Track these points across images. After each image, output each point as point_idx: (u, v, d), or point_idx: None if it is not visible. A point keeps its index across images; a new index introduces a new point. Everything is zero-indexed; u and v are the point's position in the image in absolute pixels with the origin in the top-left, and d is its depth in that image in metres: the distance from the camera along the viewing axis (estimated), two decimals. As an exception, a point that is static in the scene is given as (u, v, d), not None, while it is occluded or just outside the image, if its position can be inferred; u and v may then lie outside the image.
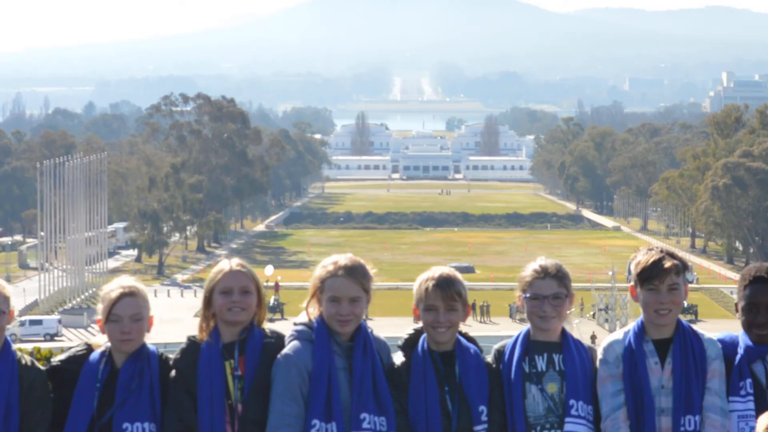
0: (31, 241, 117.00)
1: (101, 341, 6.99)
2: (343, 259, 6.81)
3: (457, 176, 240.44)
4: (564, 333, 6.92)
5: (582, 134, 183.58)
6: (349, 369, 6.68)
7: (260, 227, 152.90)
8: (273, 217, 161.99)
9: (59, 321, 74.59)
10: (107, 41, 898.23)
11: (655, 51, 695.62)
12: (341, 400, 6.63)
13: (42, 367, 7.03)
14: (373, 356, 6.74)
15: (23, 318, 70.06)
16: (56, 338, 66.26)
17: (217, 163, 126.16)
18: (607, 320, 71.77)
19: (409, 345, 6.86)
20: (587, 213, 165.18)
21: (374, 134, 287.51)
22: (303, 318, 6.84)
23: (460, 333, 6.90)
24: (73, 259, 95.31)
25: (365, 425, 6.60)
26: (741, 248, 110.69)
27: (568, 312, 6.92)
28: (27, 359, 7.00)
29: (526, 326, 6.97)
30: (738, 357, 6.87)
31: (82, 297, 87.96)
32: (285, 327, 6.95)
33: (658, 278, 6.82)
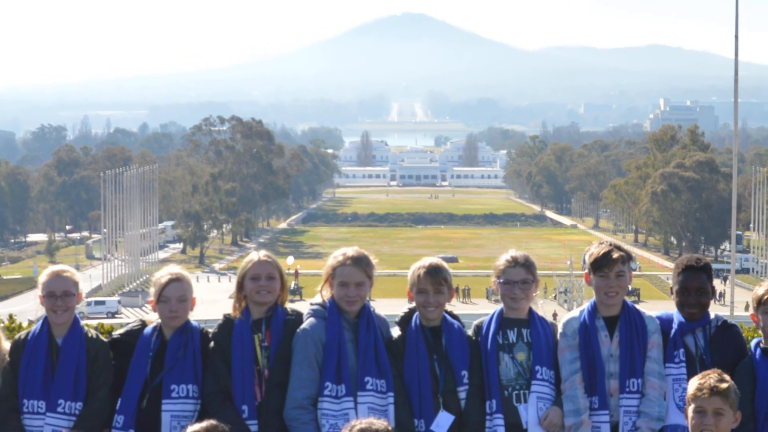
0: (95, 236, 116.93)
1: (153, 318, 7.05)
2: (351, 251, 6.88)
3: (444, 183, 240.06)
4: (531, 311, 6.96)
5: (545, 149, 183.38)
6: (356, 341, 6.75)
7: (282, 225, 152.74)
8: (293, 217, 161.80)
9: (119, 302, 74.64)
10: (158, 73, 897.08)
11: (605, 81, 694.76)
12: (349, 366, 6.68)
13: (105, 339, 7.07)
14: (375, 331, 6.80)
15: (89, 299, 69.96)
16: (116, 316, 66.24)
17: (248, 172, 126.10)
18: (566, 301, 71.73)
19: (404, 321, 6.93)
20: (550, 213, 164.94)
21: (376, 149, 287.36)
22: (317, 299, 6.92)
23: (446, 311, 6.95)
24: (129, 251, 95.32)
25: (368, 387, 6.66)
26: (675, 242, 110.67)
27: (534, 294, 6.96)
28: (92, 333, 7.04)
29: (499, 306, 7.03)
30: (673, 331, 6.91)
31: (138, 282, 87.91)
32: (303, 306, 7.00)
33: (607, 266, 6.87)
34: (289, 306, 7.01)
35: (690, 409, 6.12)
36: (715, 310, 7.10)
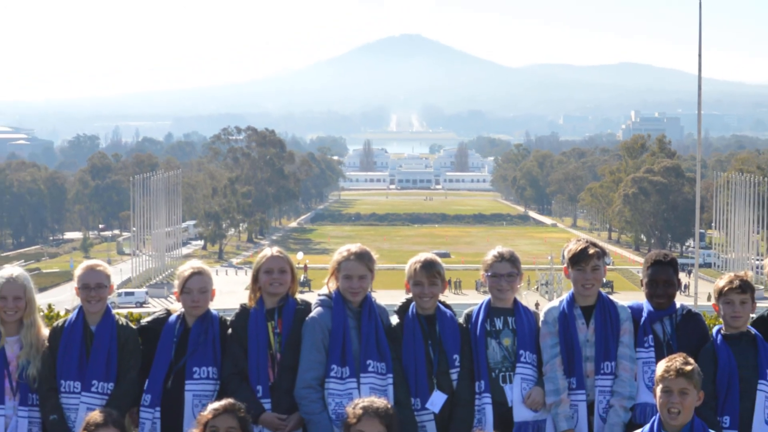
0: (125, 234, 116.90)
1: (177, 308, 7.08)
2: (354, 247, 6.92)
3: (437, 187, 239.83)
4: (515, 301, 6.99)
5: (528, 156, 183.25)
6: (358, 328, 6.77)
7: (293, 224, 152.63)
8: (302, 217, 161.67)
9: (146, 293, 74.70)
10: (181, 88, 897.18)
11: (582, 95, 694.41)
12: (353, 351, 6.71)
13: (134, 327, 7.09)
14: (376, 318, 6.82)
15: (120, 290, 69.99)
16: (144, 306, 66.22)
17: (262, 177, 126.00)
18: (547, 292, 71.74)
19: (402, 310, 6.94)
20: (532, 214, 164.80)
21: (377, 156, 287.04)
22: (324, 290, 6.94)
23: (440, 301, 6.97)
24: (156, 247, 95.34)
25: (370, 369, 6.68)
26: (645, 239, 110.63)
27: (518, 286, 6.98)
28: (123, 321, 7.06)
29: (487, 296, 7.04)
30: (642, 319, 6.93)
31: (163, 275, 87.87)
32: (311, 297, 7.00)
33: (584, 261, 6.89)
34: (299, 296, 7.03)
35: (658, 389, 6.14)
36: (680, 300, 7.13)
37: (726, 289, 6.78)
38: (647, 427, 6.22)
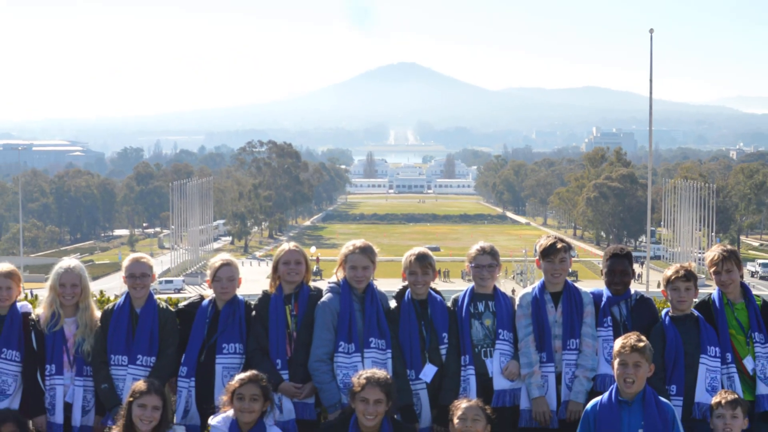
0: (165, 231, 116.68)
1: (209, 294, 7.08)
2: (359, 242, 6.94)
3: (429, 191, 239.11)
4: (495, 288, 7.01)
5: (506, 165, 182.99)
6: (362, 310, 6.78)
7: (307, 223, 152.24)
8: (315, 217, 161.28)
9: (183, 281, 74.54)
10: (213, 107, 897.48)
11: (552, 114, 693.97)
12: (357, 330, 6.73)
13: (172, 310, 7.10)
14: (377, 303, 6.83)
15: (160, 279, 69.85)
16: (181, 292, 66.13)
17: (281, 183, 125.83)
18: (521, 280, 71.61)
19: (399, 296, 6.96)
20: (509, 214, 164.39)
21: (377, 165, 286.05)
22: (333, 279, 6.95)
23: (431, 288, 6.97)
24: (191, 242, 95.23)
25: (372, 345, 6.70)
26: (604, 236, 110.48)
27: (497, 275, 6.99)
28: (163, 304, 7.07)
29: (471, 284, 7.05)
30: (602, 303, 6.95)
31: (197, 266, 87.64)
32: (322, 284, 7.02)
33: (553, 254, 6.89)
34: (312, 284, 7.05)
35: (615, 362, 6.15)
36: (634, 287, 7.14)
37: (673, 277, 6.80)
38: (606, 394, 6.22)
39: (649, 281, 51.68)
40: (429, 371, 6.71)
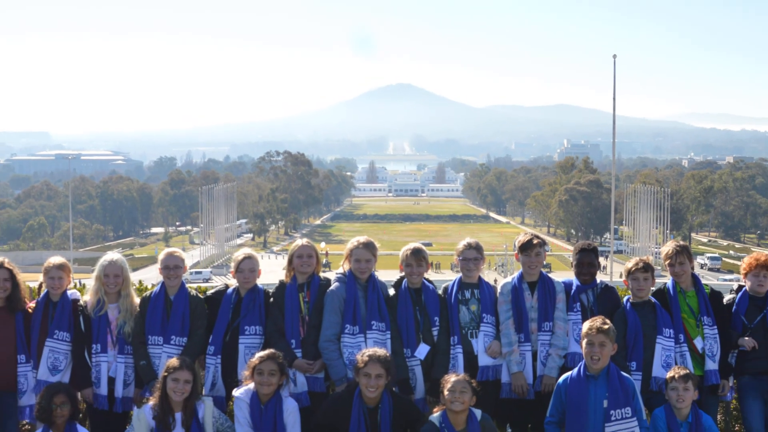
0: (195, 229, 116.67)
1: (233, 283, 7.06)
2: (362, 238, 6.93)
3: (423, 195, 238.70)
4: (480, 278, 7.00)
5: (489, 172, 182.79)
6: (365, 297, 6.77)
7: (317, 222, 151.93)
8: (324, 217, 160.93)
9: (210, 272, 74.32)
10: (236, 122, 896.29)
11: (529, 128, 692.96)
12: (361, 314, 6.71)
13: (201, 297, 7.09)
14: (378, 291, 6.82)
15: (191, 270, 69.71)
16: (209, 282, 66.06)
17: (295, 187, 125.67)
18: (503, 272, 71.55)
19: (397, 285, 6.96)
20: (492, 214, 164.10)
21: (378, 172, 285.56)
22: (340, 270, 6.93)
23: (425, 278, 6.97)
24: (217, 238, 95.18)
25: (374, 327, 6.69)
26: (573, 233, 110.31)
27: (482, 267, 6.98)
28: (193, 292, 7.07)
29: (459, 275, 7.04)
30: (572, 291, 6.94)
31: (223, 259, 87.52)
32: (331, 275, 7.01)
33: (530, 249, 6.89)
34: (322, 274, 7.03)
35: (584, 342, 6.15)
36: (600, 277, 7.14)
37: (633, 269, 6.82)
38: (575, 370, 6.23)
39: (612, 272, 51.70)
40: (423, 350, 6.71)
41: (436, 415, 6.11)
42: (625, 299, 6.88)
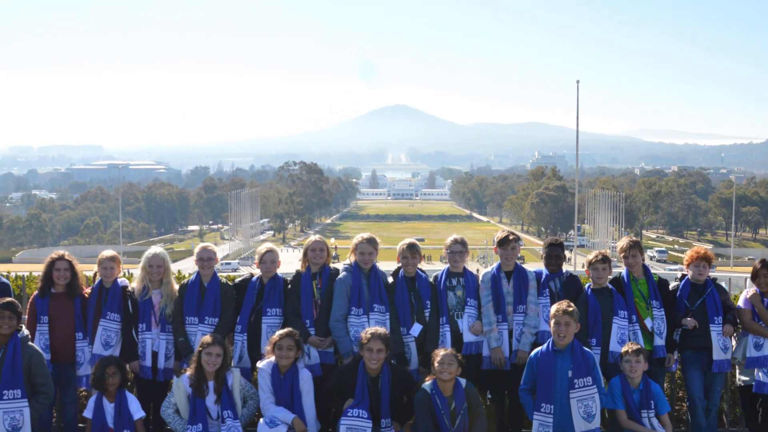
0: (225, 227, 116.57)
1: (257, 272, 7.05)
2: (365, 235, 6.90)
3: (417, 198, 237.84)
4: (464, 268, 6.96)
5: (472, 179, 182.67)
6: (368, 284, 6.74)
7: (328, 221, 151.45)
8: (333, 217, 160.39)
9: (238, 263, 74.26)
10: (260, 137, 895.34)
11: (506, 141, 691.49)
12: (364, 298, 6.68)
13: (230, 284, 7.06)
14: (379, 278, 6.79)
15: (222, 261, 69.77)
16: (236, 271, 65.93)
17: (309, 192, 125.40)
18: (484, 263, 71.49)
19: (395, 273, 6.92)
20: (475, 215, 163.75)
21: (379, 179, 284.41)
22: (347, 262, 6.91)
23: (418, 269, 6.94)
24: (244, 235, 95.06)
25: (375, 309, 6.66)
26: (543, 230, 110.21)
27: (466, 259, 6.95)
28: (224, 280, 7.06)
29: (447, 265, 7.01)
30: (542, 279, 6.92)
31: (248, 252, 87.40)
32: (339, 266, 6.99)
33: (506, 244, 6.86)
34: (331, 265, 6.99)
35: (552, 322, 6.15)
36: (565, 267, 7.13)
37: (593, 260, 6.80)
38: (545, 345, 6.22)
39: (575, 263, 51.72)
40: (416, 328, 6.69)
41: (427, 383, 6.12)
42: (586, 286, 6.87)
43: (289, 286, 6.87)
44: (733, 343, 6.83)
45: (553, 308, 6.20)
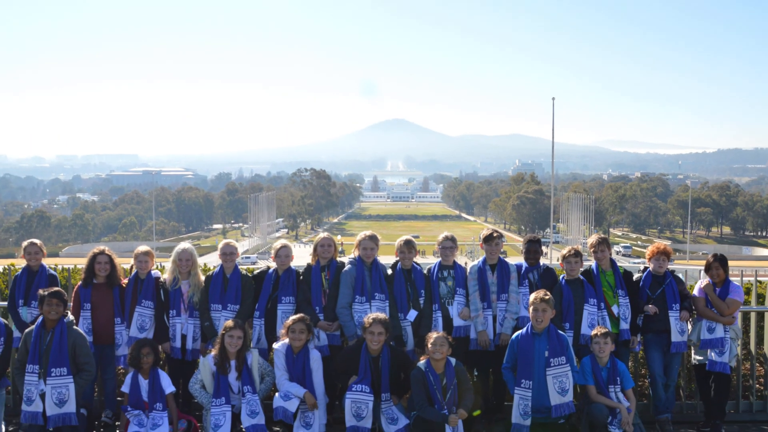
0: (245, 225, 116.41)
1: (273, 265, 7.03)
2: (368, 232, 6.90)
3: (412, 200, 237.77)
4: (454, 262, 6.93)
5: (461, 184, 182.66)
6: (370, 276, 6.71)
7: (335, 220, 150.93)
8: (340, 216, 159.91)
9: (256, 257, 73.96)
10: (276, 147, 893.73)
11: (491, 151, 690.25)
12: (367, 288, 6.65)
13: (250, 275, 7.04)
14: (380, 271, 6.77)
15: (242, 256, 69.59)
16: (255, 264, 65.76)
17: (318, 195, 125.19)
18: (471, 257, 71.41)
19: (393, 266, 6.89)
20: (464, 215, 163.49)
21: (380, 184, 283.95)
22: (352, 256, 6.89)
23: (414, 262, 6.91)
24: (261, 232, 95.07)
25: (376, 298, 6.64)
26: (523, 228, 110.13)
27: (456, 253, 6.93)
28: (244, 272, 7.03)
29: (439, 259, 6.99)
30: (522, 271, 6.90)
31: (265, 248, 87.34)
32: (345, 259, 6.95)
33: (491, 240, 6.85)
34: (338, 259, 6.97)
35: (530, 309, 6.14)
36: (542, 261, 7.12)
37: (567, 255, 6.79)
38: (524, 329, 6.22)
39: (551, 257, 51.61)
40: (412, 314, 6.68)
41: (422, 362, 6.11)
42: (561, 277, 6.86)
43: (301, 277, 6.85)
44: (689, 327, 6.83)
45: (532, 296, 6.20)
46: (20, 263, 7.14)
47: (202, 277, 6.92)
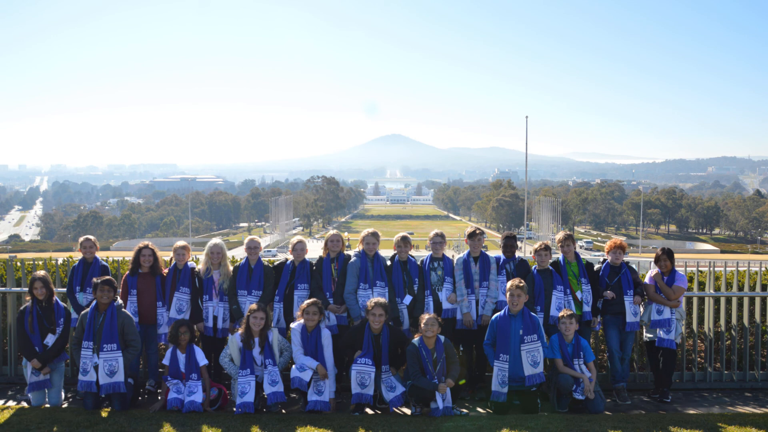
0: (267, 224, 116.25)
1: (290, 257, 7.00)
2: (370, 230, 6.87)
3: (408, 203, 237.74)
4: (443, 255, 6.90)
5: (449, 189, 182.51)
6: (372, 266, 6.68)
7: (342, 220, 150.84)
8: (346, 217, 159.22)
9: (276, 251, 73.67)
10: (292, 158, 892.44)
11: (474, 161, 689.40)
12: (369, 277, 6.62)
13: (271, 266, 7.01)
14: (380, 262, 6.73)
15: (264, 249, 69.04)
16: (275, 257, 65.46)
17: (328, 198, 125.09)
18: (458, 250, 71.29)
19: (392, 258, 6.87)
20: (451, 215, 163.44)
21: (380, 189, 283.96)
22: (357, 250, 6.87)
23: (409, 255, 6.90)
24: (280, 230, 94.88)
25: (377, 285, 6.62)
26: (502, 227, 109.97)
27: (445, 247, 6.92)
28: (266, 263, 6.99)
29: (430, 252, 6.97)
30: (500, 262, 6.87)
31: (284, 243, 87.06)
32: (351, 252, 6.93)
33: (474, 237, 6.84)
34: (345, 252, 6.95)
35: (507, 294, 6.14)
36: (518, 254, 7.10)
37: (538, 249, 6.78)
38: (502, 311, 6.21)
39: (525, 251, 51.47)
40: (407, 299, 6.67)
41: (416, 339, 6.12)
42: (533, 268, 6.86)
43: (314, 267, 6.85)
44: (641, 309, 6.83)
45: (509, 284, 6.20)
46: (77, 256, 7.18)
47: (231, 268, 6.92)
